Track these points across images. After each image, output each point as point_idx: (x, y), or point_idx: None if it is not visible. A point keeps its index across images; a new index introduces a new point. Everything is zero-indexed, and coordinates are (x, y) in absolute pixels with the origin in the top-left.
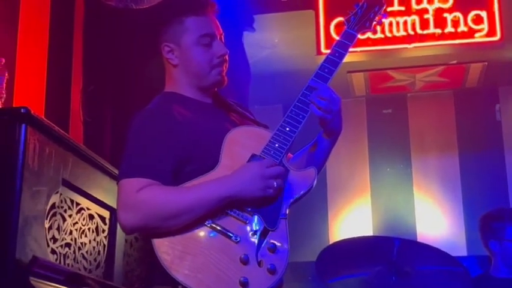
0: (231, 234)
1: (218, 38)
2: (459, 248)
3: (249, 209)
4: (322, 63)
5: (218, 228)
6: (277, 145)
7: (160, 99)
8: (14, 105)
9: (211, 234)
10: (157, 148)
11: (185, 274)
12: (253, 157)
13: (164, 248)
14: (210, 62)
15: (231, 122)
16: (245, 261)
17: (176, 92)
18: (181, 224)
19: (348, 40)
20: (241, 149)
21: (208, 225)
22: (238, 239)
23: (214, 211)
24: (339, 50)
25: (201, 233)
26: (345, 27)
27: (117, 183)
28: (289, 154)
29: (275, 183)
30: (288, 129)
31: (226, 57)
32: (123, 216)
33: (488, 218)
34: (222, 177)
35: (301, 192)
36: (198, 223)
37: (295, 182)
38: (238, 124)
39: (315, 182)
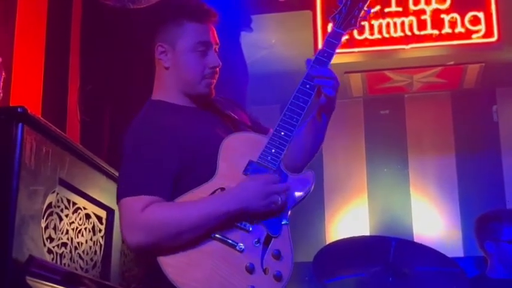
0: (234, 244)
1: (213, 48)
2: (455, 249)
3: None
4: (312, 63)
5: (221, 238)
6: (273, 150)
7: (148, 110)
8: (11, 105)
9: (215, 245)
10: (155, 163)
11: (192, 286)
12: (250, 164)
13: (169, 260)
14: (202, 71)
15: (224, 127)
16: (251, 269)
17: (163, 100)
18: (188, 240)
19: (335, 39)
20: (238, 156)
21: (212, 236)
22: (243, 248)
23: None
24: (327, 49)
25: (205, 244)
26: (332, 26)
27: (117, 202)
28: None
29: (279, 200)
30: (283, 133)
31: (218, 69)
32: (130, 237)
33: (484, 219)
34: (227, 193)
35: (301, 197)
36: (202, 235)
37: (294, 186)
38: (232, 129)
39: (313, 185)
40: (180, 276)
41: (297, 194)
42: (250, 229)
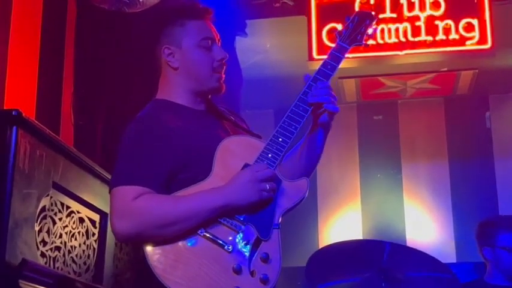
0: (223, 244)
1: (217, 42)
2: (448, 255)
3: (242, 219)
4: (314, 74)
5: (211, 237)
6: (270, 155)
7: (151, 107)
8: (5, 108)
9: (204, 244)
10: (150, 156)
11: (177, 283)
12: (246, 167)
13: (157, 256)
14: (211, 65)
15: (224, 131)
16: (238, 270)
17: (168, 99)
18: (176, 233)
19: (339, 53)
20: (234, 158)
21: (201, 234)
22: (231, 249)
23: (209, 220)
24: (331, 62)
25: (194, 242)
26: (337, 40)
27: (110, 191)
28: None
29: (267, 186)
30: (280, 139)
31: (225, 61)
32: (118, 224)
33: (482, 224)
34: (217, 187)
35: (294, 203)
36: (191, 232)
37: (287, 192)
38: (231, 133)
39: (307, 192)
40: (165, 271)
41: (291, 200)
42: (241, 230)
